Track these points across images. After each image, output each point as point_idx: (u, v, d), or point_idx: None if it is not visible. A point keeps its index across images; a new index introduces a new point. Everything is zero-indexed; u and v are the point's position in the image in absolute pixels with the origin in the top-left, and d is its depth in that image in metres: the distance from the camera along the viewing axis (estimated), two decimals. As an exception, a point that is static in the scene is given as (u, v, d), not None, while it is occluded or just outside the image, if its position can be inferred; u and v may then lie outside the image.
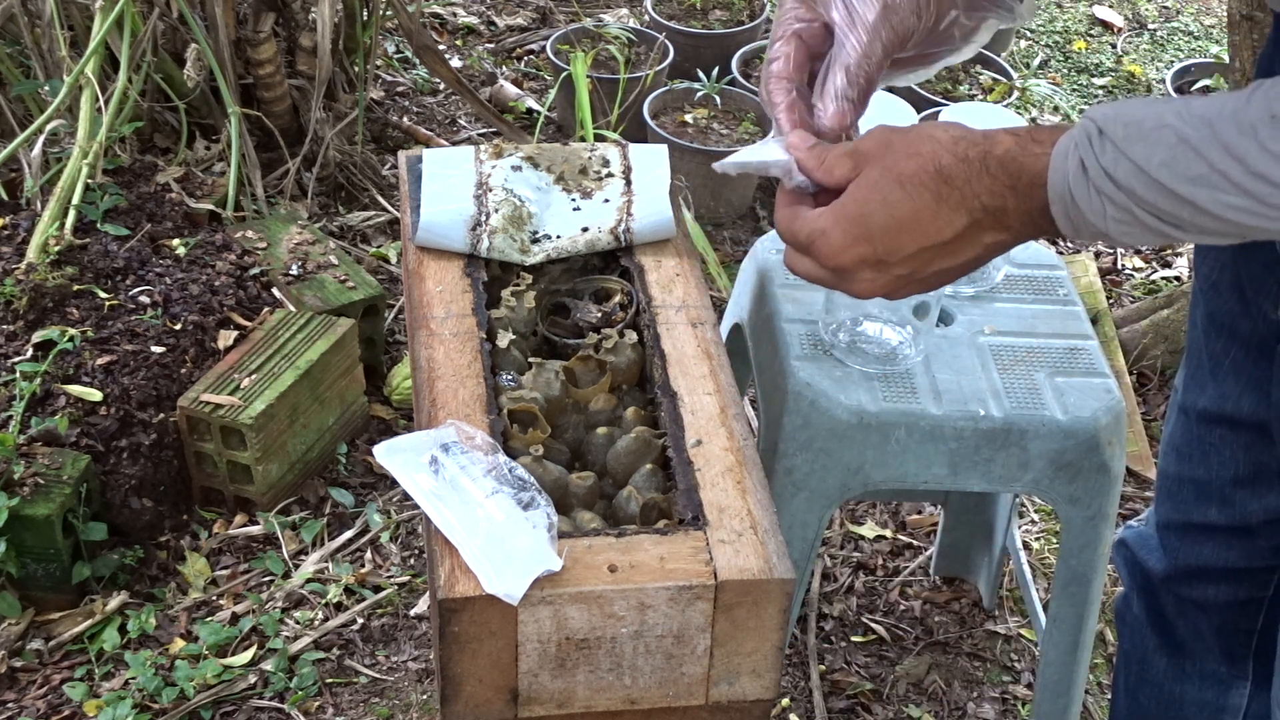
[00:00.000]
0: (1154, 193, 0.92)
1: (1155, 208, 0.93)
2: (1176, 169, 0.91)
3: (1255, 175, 0.89)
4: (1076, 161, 0.95)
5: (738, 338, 1.85)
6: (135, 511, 2.24)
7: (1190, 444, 1.46)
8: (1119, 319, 2.90)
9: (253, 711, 2.08)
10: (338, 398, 2.43)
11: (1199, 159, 0.90)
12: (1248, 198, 0.90)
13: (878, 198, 1.04)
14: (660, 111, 3.21)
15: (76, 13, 2.76)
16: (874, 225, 1.04)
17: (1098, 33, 4.13)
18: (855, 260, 1.06)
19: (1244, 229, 0.93)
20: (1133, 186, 0.93)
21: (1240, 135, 0.89)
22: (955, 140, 1.01)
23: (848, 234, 1.05)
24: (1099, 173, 0.94)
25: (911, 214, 1.02)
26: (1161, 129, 0.92)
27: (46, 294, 2.34)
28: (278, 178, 2.93)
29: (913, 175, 1.02)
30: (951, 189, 1.01)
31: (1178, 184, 0.91)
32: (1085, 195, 0.95)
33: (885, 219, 1.03)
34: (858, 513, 2.51)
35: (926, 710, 2.17)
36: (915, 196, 1.02)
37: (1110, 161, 0.93)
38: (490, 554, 1.13)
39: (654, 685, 1.19)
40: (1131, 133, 0.93)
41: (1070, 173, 0.96)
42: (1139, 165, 0.92)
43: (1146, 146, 0.92)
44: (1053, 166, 0.97)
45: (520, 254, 1.47)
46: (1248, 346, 1.35)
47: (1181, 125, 0.92)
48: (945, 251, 1.04)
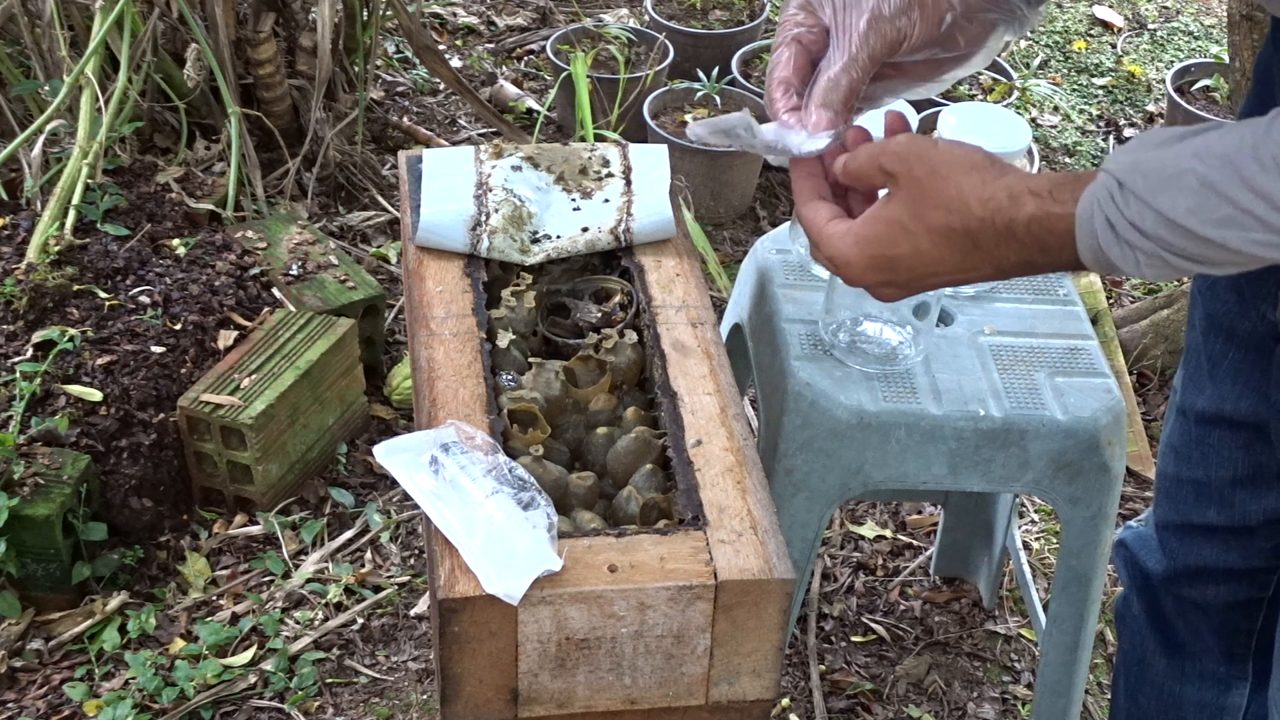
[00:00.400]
0: (1183, 239, 0.92)
1: (1185, 252, 0.93)
2: (1203, 214, 0.91)
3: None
4: (1103, 219, 0.95)
5: (738, 338, 1.85)
6: (135, 511, 2.24)
7: (1189, 445, 1.46)
8: (1119, 319, 2.90)
9: (253, 711, 2.08)
10: (338, 398, 2.43)
11: (1224, 201, 0.90)
12: (1273, 233, 0.90)
13: (906, 244, 1.05)
14: (660, 111, 3.21)
15: (76, 13, 2.76)
16: (899, 266, 1.06)
17: (1098, 33, 4.13)
18: (876, 285, 1.10)
19: (1265, 260, 0.93)
20: (1161, 235, 0.93)
21: (1263, 172, 0.89)
22: (983, 203, 1.00)
23: (871, 270, 1.07)
24: (1126, 227, 0.93)
25: (936, 261, 1.04)
26: (1182, 174, 0.92)
27: (46, 294, 2.34)
28: (278, 178, 2.93)
29: (940, 229, 1.03)
30: (979, 251, 1.02)
31: (1206, 229, 0.91)
32: (1115, 249, 0.95)
33: (911, 263, 1.05)
34: (858, 513, 2.51)
35: (926, 710, 2.17)
36: (941, 248, 1.03)
37: (1136, 215, 0.93)
38: (490, 554, 1.13)
39: (654, 685, 1.19)
40: (1153, 183, 0.93)
41: (1098, 230, 0.95)
42: (1165, 215, 0.92)
43: (1170, 195, 0.92)
44: (1079, 227, 0.97)
45: (520, 254, 1.47)
46: (1246, 348, 1.35)
47: (1202, 168, 0.91)
48: (963, 283, 1.08)
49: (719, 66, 3.30)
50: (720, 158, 3.08)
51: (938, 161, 1.04)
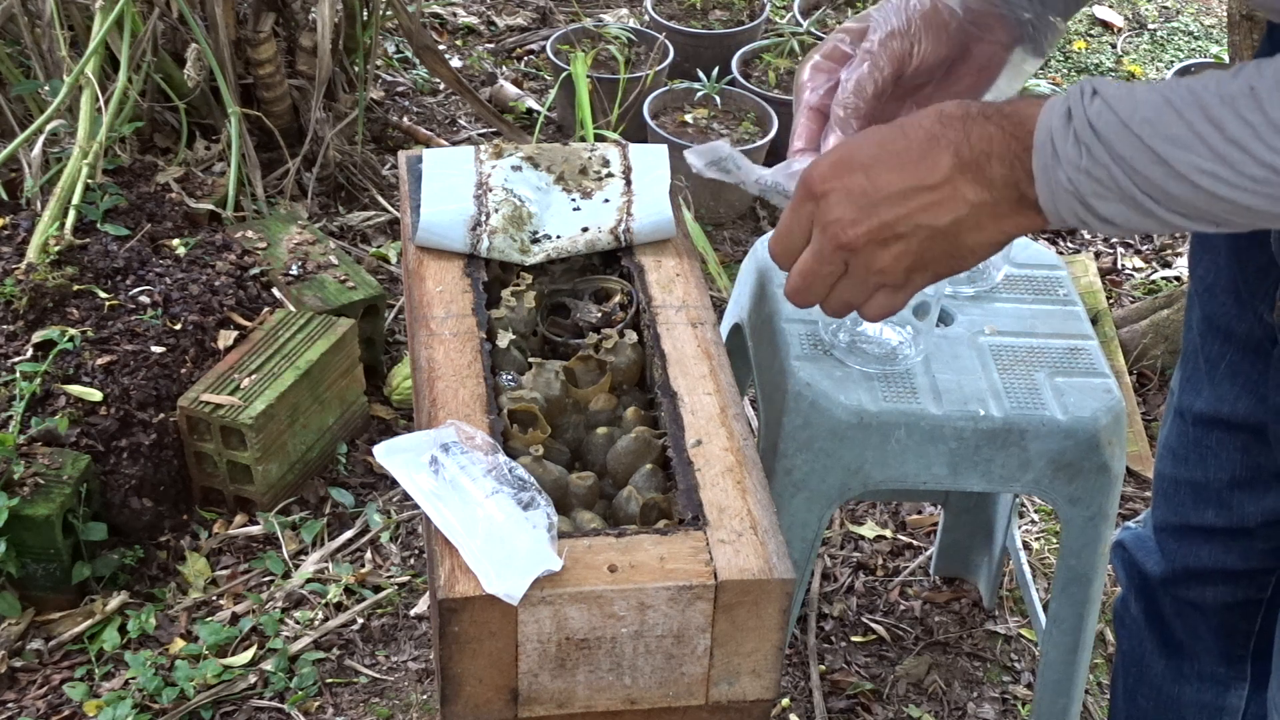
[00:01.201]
0: (1131, 148, 0.94)
1: (1130, 166, 0.94)
2: (1157, 126, 0.93)
3: (1230, 141, 0.91)
4: (1064, 109, 0.97)
5: (738, 338, 1.85)
6: (135, 511, 2.24)
7: (1187, 447, 1.46)
8: (1119, 319, 2.90)
9: (253, 711, 2.08)
10: (338, 398, 2.43)
11: (1179, 120, 0.92)
12: (1221, 164, 0.92)
13: (873, 136, 1.06)
14: (660, 111, 3.21)
15: (76, 13, 2.76)
16: (862, 155, 1.05)
17: (1098, 33, 4.13)
18: (842, 191, 1.05)
19: (1214, 201, 0.93)
20: (1111, 139, 0.94)
21: (1221, 104, 0.91)
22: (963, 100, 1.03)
23: (837, 165, 1.05)
24: (1083, 120, 0.96)
25: (902, 149, 1.03)
26: (1150, 93, 0.95)
27: (46, 294, 2.34)
28: (278, 178, 2.93)
29: (912, 120, 1.04)
30: (946, 128, 1.02)
31: (1156, 141, 0.93)
32: (1065, 142, 0.96)
33: (874, 150, 1.04)
34: (858, 513, 2.51)
35: (926, 710, 2.17)
36: (909, 134, 1.03)
37: (1095, 112, 0.95)
38: (490, 554, 1.13)
39: (654, 685, 1.19)
40: (1121, 93, 0.96)
41: (1055, 119, 0.97)
42: (1122, 119, 0.94)
43: (1132, 104, 0.95)
44: (1042, 113, 0.99)
45: (520, 254, 1.47)
46: (1244, 349, 1.35)
47: (1168, 92, 0.94)
48: (929, 197, 1.03)
49: (719, 66, 3.30)
50: (720, 158, 3.07)
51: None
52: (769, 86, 3.34)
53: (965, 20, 1.16)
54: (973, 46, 1.18)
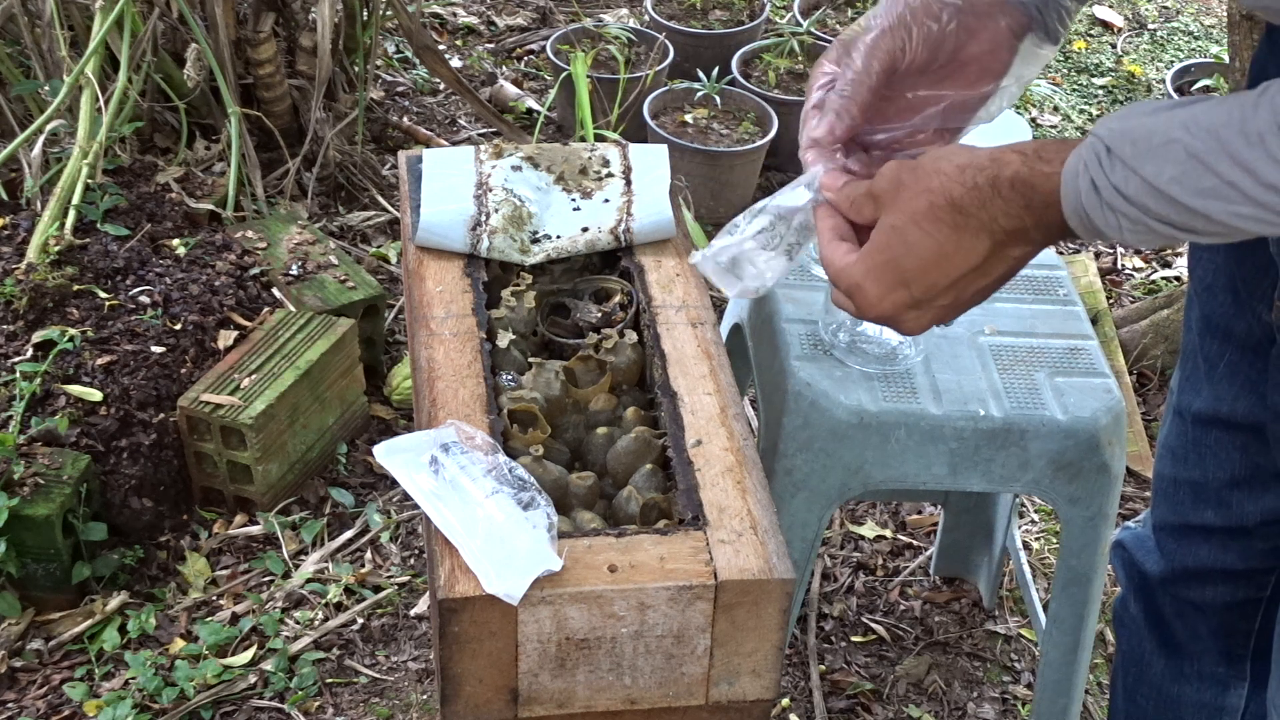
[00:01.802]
0: (1166, 206, 0.93)
1: (1168, 219, 0.94)
2: (1187, 184, 0.91)
3: (1266, 186, 0.90)
4: (1088, 182, 0.96)
5: (738, 338, 1.85)
6: (135, 511, 2.24)
7: (1186, 446, 1.46)
8: (1119, 319, 2.90)
9: (253, 711, 2.08)
10: (338, 398, 2.43)
11: (1208, 173, 0.91)
12: (1258, 208, 0.91)
13: (899, 243, 1.05)
14: (660, 111, 3.21)
15: (76, 13, 2.76)
16: (905, 270, 1.05)
17: (1098, 33, 4.13)
18: (896, 306, 1.08)
19: (1251, 232, 0.93)
20: (1145, 202, 0.93)
21: (1248, 146, 0.89)
22: (961, 169, 1.02)
23: (881, 284, 1.07)
24: (1110, 191, 0.94)
25: (936, 250, 1.04)
26: (1169, 144, 0.92)
27: (46, 294, 2.34)
28: (278, 178, 2.93)
29: (927, 212, 1.03)
30: (968, 218, 1.02)
31: (1189, 198, 0.92)
32: (1099, 213, 0.96)
33: (913, 262, 1.05)
34: (858, 513, 2.51)
35: (926, 710, 2.17)
36: (935, 233, 1.03)
37: (1121, 180, 0.94)
38: (490, 554, 1.13)
39: (654, 685, 1.19)
40: (1140, 150, 0.93)
41: (1082, 192, 0.96)
42: (1149, 182, 0.93)
43: (1156, 163, 0.93)
44: (1064, 187, 0.97)
45: (520, 254, 1.47)
46: (1243, 349, 1.35)
47: (1189, 139, 0.92)
48: (978, 274, 1.05)
49: (719, 66, 3.30)
50: (720, 158, 3.08)
51: (920, 160, 1.05)
52: (769, 86, 3.34)
53: (963, 11, 1.16)
54: (973, 37, 1.17)
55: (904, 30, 1.15)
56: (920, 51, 1.16)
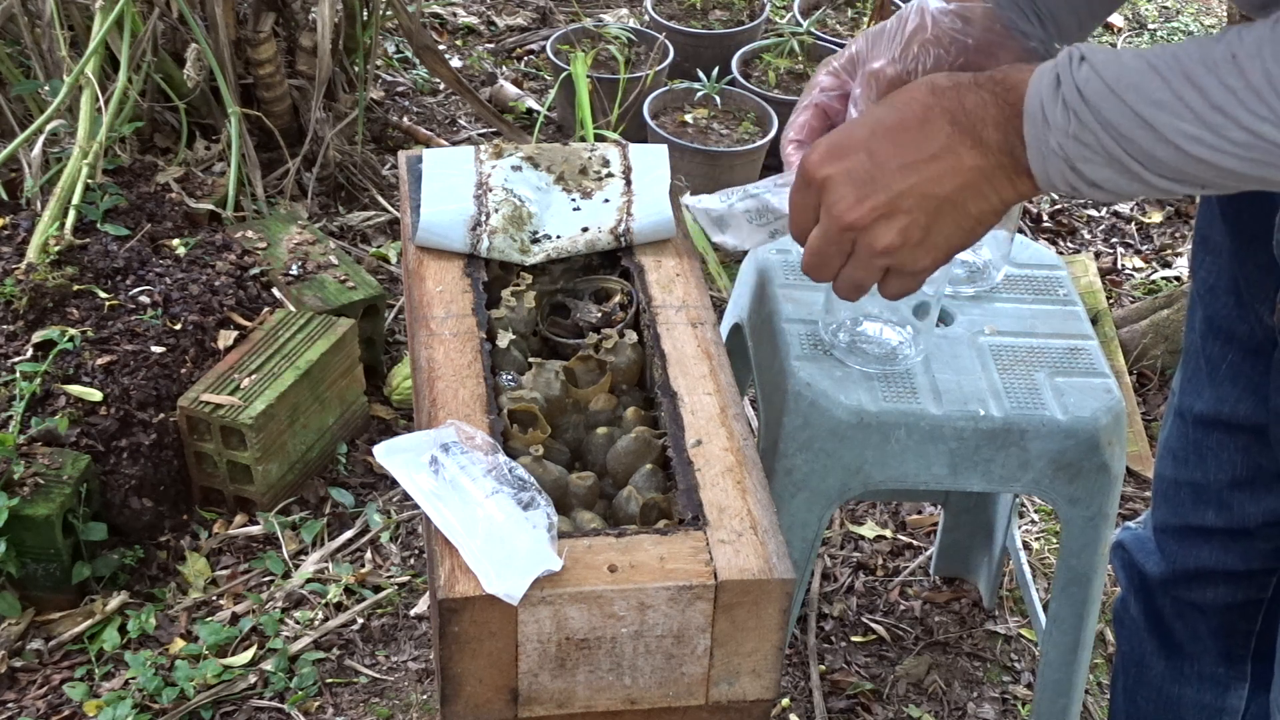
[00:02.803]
0: (1117, 113, 0.96)
1: (1116, 131, 0.96)
2: (1142, 91, 0.95)
3: (1213, 107, 0.93)
4: (1053, 76, 0.99)
5: (738, 338, 1.85)
6: (135, 511, 2.24)
7: (1187, 448, 1.46)
8: (1119, 319, 2.90)
9: (253, 711, 2.08)
10: (338, 398, 2.43)
11: (1164, 85, 0.94)
12: (1204, 128, 0.93)
13: (866, 117, 1.07)
14: (660, 111, 3.21)
15: (76, 13, 2.76)
16: (858, 136, 1.06)
17: (1098, 33, 4.13)
18: (840, 173, 1.06)
19: (1198, 165, 0.95)
20: (1099, 104, 0.96)
21: (1204, 70, 0.93)
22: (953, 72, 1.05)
23: (831, 146, 1.07)
24: (1071, 87, 0.97)
25: (896, 124, 1.04)
26: (1136, 59, 0.97)
27: (46, 294, 2.34)
28: (278, 178, 2.93)
29: (904, 94, 1.05)
30: (939, 98, 1.03)
31: (1141, 106, 0.95)
32: (1054, 107, 0.98)
33: (869, 129, 1.05)
34: (858, 513, 2.51)
35: (926, 710, 2.17)
36: (902, 109, 1.04)
37: (1083, 78, 0.97)
38: (490, 554, 1.13)
39: (654, 685, 1.19)
40: (1108, 59, 0.97)
41: (1045, 86, 0.99)
42: (1108, 84, 0.96)
43: (1118, 70, 0.96)
44: (1032, 79, 1.00)
45: (520, 254, 1.47)
46: (1245, 350, 1.35)
47: (1153, 57, 0.96)
48: (930, 171, 1.04)
49: (719, 66, 3.30)
50: (720, 158, 3.08)
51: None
52: (769, 86, 3.34)
53: (969, 49, 1.16)
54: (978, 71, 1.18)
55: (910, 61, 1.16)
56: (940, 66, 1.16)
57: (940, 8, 1.17)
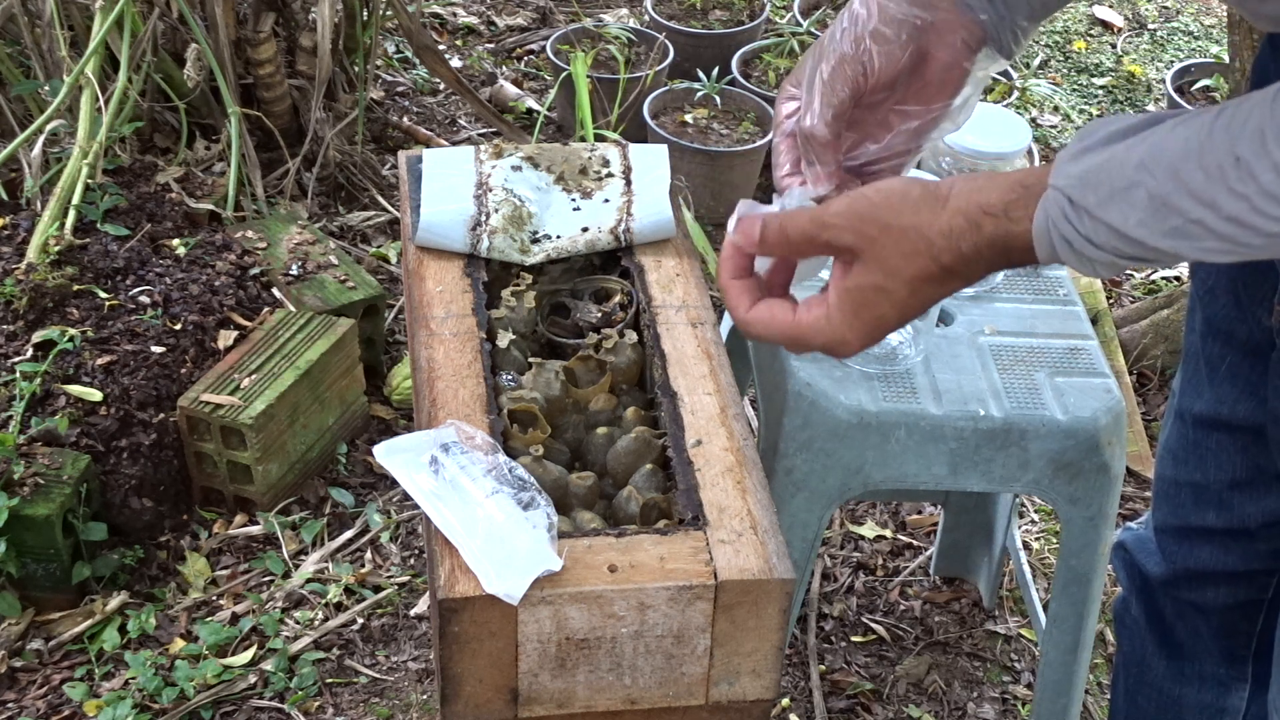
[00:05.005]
0: (1136, 249, 0.94)
1: (1139, 257, 0.95)
2: (1153, 227, 0.92)
3: (1228, 219, 0.89)
4: (1059, 236, 0.96)
5: (738, 338, 1.85)
6: (135, 511, 2.24)
7: (1187, 449, 1.46)
8: (1119, 319, 2.90)
9: (253, 711, 2.08)
10: (338, 398, 2.43)
11: (1173, 213, 0.91)
12: (1224, 241, 0.91)
13: (886, 302, 1.05)
14: (660, 111, 3.21)
15: (76, 13, 2.76)
16: (890, 322, 1.07)
17: (1098, 33, 4.13)
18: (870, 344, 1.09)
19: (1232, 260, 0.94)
20: (1116, 246, 0.94)
21: (1208, 181, 0.89)
22: (945, 236, 1.02)
23: (869, 336, 1.07)
24: (1081, 242, 0.95)
25: (921, 302, 1.06)
26: (1132, 188, 0.92)
27: (46, 294, 2.34)
28: (278, 178, 2.93)
29: (918, 275, 1.03)
30: (954, 278, 1.04)
31: (1157, 240, 0.92)
32: (1073, 260, 0.97)
33: (900, 313, 1.06)
34: (858, 513, 2.51)
35: (926, 710, 2.17)
36: (920, 291, 1.04)
37: (1089, 230, 0.94)
38: (490, 554, 1.13)
39: (654, 685, 1.19)
40: (1102, 197, 0.93)
41: (1056, 246, 0.97)
42: (1116, 229, 0.93)
43: (1119, 209, 0.93)
44: (1036, 243, 0.98)
45: (520, 254, 1.47)
46: (1244, 352, 1.35)
47: (1150, 180, 0.91)
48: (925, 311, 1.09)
49: (719, 66, 3.30)
50: (720, 158, 3.08)
51: (884, 215, 1.04)
52: (769, 86, 3.33)
53: (922, 30, 1.15)
54: (932, 53, 1.16)
55: (862, 57, 1.13)
56: (883, 74, 1.15)
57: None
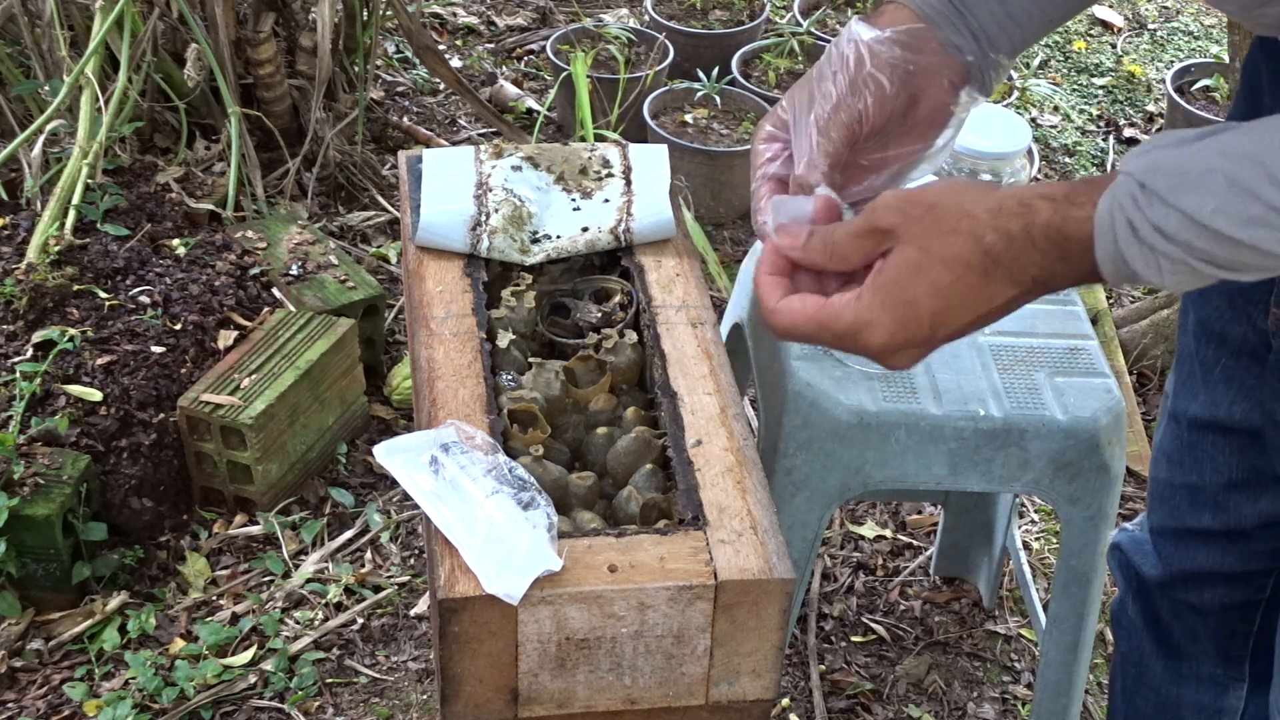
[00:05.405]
0: (1209, 241, 0.89)
1: (1211, 256, 0.90)
2: (1231, 214, 0.87)
3: None
4: (1124, 222, 0.91)
5: (738, 338, 1.85)
6: (135, 511, 2.24)
7: (1182, 451, 1.45)
8: (1119, 319, 2.90)
9: (253, 711, 2.08)
10: (338, 398, 2.43)
11: (1254, 200, 0.87)
12: None
13: (924, 282, 0.99)
14: (660, 111, 3.21)
15: (76, 13, 2.76)
16: (923, 310, 0.99)
17: (1098, 33, 4.13)
18: (899, 344, 1.02)
19: None
20: (1187, 238, 0.89)
21: None
22: (993, 214, 0.96)
23: (898, 322, 1.00)
24: (1149, 229, 0.90)
25: (959, 294, 0.98)
26: (1208, 174, 0.88)
27: (46, 294, 2.34)
28: (278, 178, 2.93)
29: (957, 256, 0.97)
30: (999, 267, 0.97)
31: (1235, 229, 0.88)
32: (1137, 253, 0.91)
33: (934, 302, 0.99)
34: (858, 513, 2.51)
35: (926, 710, 2.17)
36: (963, 277, 0.98)
37: (1159, 216, 0.89)
38: (490, 554, 1.13)
39: (654, 685, 1.19)
40: (1176, 182, 0.89)
41: (1119, 234, 0.91)
42: (1191, 216, 0.88)
43: (1196, 195, 0.88)
44: (1098, 230, 0.93)
45: (520, 254, 1.47)
46: (1239, 353, 1.34)
47: (1229, 166, 0.87)
48: (988, 318, 1.01)
49: (719, 66, 3.30)
50: (720, 158, 3.08)
51: (933, 195, 0.99)
52: (769, 86, 3.34)
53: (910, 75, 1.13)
54: (921, 96, 1.14)
55: (858, 100, 1.09)
56: (876, 119, 1.12)
57: (875, 37, 1.12)
